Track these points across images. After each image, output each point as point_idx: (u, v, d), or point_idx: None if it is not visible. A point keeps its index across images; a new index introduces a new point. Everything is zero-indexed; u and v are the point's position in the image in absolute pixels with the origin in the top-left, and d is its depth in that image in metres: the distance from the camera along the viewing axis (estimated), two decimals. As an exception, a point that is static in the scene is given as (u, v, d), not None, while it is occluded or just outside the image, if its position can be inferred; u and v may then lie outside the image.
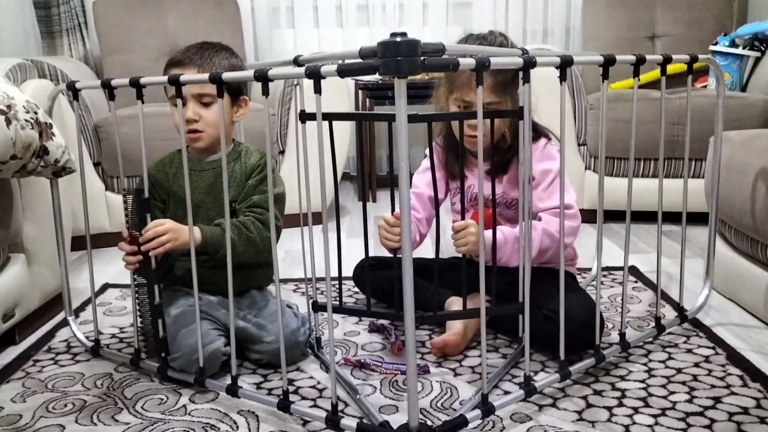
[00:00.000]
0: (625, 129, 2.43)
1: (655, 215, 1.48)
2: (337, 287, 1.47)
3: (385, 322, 1.67)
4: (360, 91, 3.17)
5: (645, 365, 1.42)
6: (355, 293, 1.91)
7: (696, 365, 1.41)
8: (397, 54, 0.98)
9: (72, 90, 1.43)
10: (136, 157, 1.52)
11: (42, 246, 1.73)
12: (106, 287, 2.03)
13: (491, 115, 1.37)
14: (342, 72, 1.04)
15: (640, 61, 1.35)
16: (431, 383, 1.37)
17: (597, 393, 1.31)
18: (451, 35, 3.43)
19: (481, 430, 1.19)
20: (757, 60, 2.69)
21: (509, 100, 1.50)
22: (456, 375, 1.40)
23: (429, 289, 1.59)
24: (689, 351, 1.48)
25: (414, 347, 1.05)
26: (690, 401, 1.27)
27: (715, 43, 2.75)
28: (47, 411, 1.29)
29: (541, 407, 1.26)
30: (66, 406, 1.31)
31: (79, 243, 2.28)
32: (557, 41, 3.43)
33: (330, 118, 1.20)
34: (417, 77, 3.06)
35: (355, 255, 1.74)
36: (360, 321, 1.71)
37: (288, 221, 1.70)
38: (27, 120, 1.46)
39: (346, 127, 2.72)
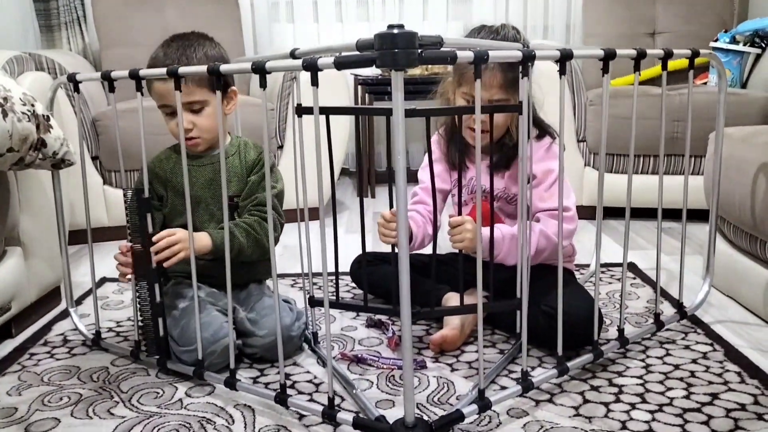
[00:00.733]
0: (625, 125, 2.42)
1: (653, 212, 1.47)
2: (334, 282, 1.47)
3: (383, 317, 1.67)
4: (359, 87, 3.16)
5: (643, 361, 1.41)
6: (353, 288, 1.90)
7: (694, 362, 1.41)
8: (394, 46, 0.97)
9: (72, 82, 1.43)
10: (134, 151, 1.51)
11: (39, 239, 1.72)
12: (103, 281, 2.02)
13: (490, 110, 1.37)
14: (339, 64, 1.03)
15: (640, 56, 1.34)
16: (428, 378, 1.36)
17: (594, 389, 1.30)
18: (451, 30, 3.42)
19: (478, 425, 1.18)
20: (758, 57, 2.68)
21: (518, 98, 1.49)
22: (453, 370, 1.40)
23: (426, 285, 1.58)
24: (687, 347, 1.48)
25: (410, 342, 1.04)
26: (687, 397, 1.26)
27: (716, 40, 2.74)
28: (43, 404, 1.29)
29: (538, 402, 1.26)
30: (62, 399, 1.31)
31: (76, 237, 2.28)
32: (557, 37, 3.42)
33: (328, 112, 1.20)
34: (417, 72, 3.07)
35: (354, 250, 1.74)
36: (357, 316, 1.70)
37: (286, 216, 1.69)
38: (24, 112, 1.46)
39: (344, 123, 2.71)
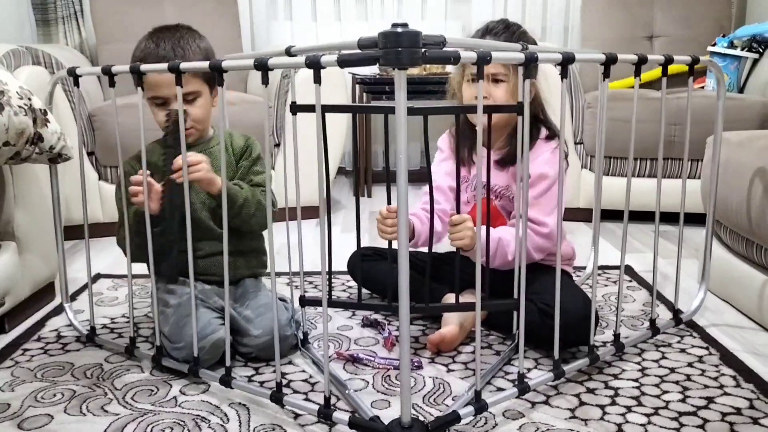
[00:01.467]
0: (623, 128, 2.42)
1: (651, 215, 1.47)
2: (328, 281, 1.46)
3: (379, 316, 1.66)
4: (357, 86, 3.15)
5: (638, 364, 1.41)
6: (350, 287, 1.90)
7: (689, 365, 1.41)
8: (398, 45, 0.97)
9: (73, 76, 1.42)
10: (131, 147, 1.50)
11: (33, 234, 1.71)
12: (98, 277, 2.01)
13: (490, 110, 1.37)
14: (342, 62, 1.03)
15: (641, 61, 1.34)
16: (424, 379, 1.36)
17: (590, 391, 1.30)
18: (450, 30, 3.42)
19: (474, 426, 1.18)
20: (755, 61, 2.69)
21: (516, 78, 1.49)
22: (449, 371, 1.39)
23: (424, 282, 1.59)
24: (683, 351, 1.48)
25: (408, 340, 1.04)
26: (683, 401, 1.26)
27: (714, 44, 2.74)
28: (36, 400, 1.28)
29: (534, 404, 1.25)
30: (55, 395, 1.30)
31: (70, 233, 2.26)
32: (555, 39, 3.42)
33: (326, 110, 1.19)
34: (415, 72, 3.07)
35: (350, 249, 1.73)
36: (353, 315, 1.70)
37: (280, 214, 1.68)
38: (20, 106, 1.45)
39: (341, 122, 2.70)
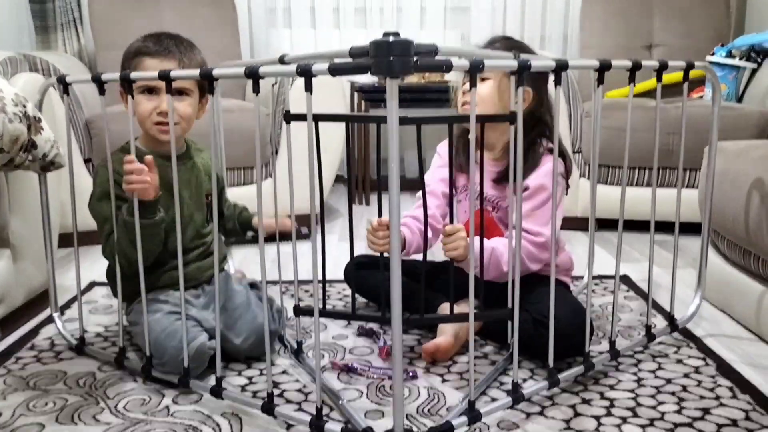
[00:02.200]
0: (620, 137, 2.42)
1: (648, 224, 1.46)
2: (322, 290, 1.46)
3: (374, 326, 1.65)
4: (356, 94, 3.15)
5: (634, 375, 1.40)
6: (346, 296, 1.89)
7: (686, 376, 1.40)
8: (390, 54, 0.96)
9: (62, 84, 1.41)
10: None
11: (28, 242, 1.71)
12: (93, 285, 2.00)
13: (482, 120, 1.37)
14: (334, 70, 1.03)
15: (635, 67, 1.34)
16: (418, 389, 1.35)
17: (585, 402, 1.29)
18: (449, 39, 3.43)
19: (468, 437, 1.17)
20: (754, 71, 2.69)
21: (505, 78, 1.49)
22: (444, 381, 1.38)
23: (419, 292, 1.58)
24: (679, 361, 1.47)
25: (401, 350, 1.03)
26: (679, 412, 1.25)
27: (712, 54, 2.74)
28: (27, 409, 1.27)
29: (529, 415, 1.24)
30: (47, 404, 1.29)
31: (68, 240, 2.25)
32: (554, 48, 3.43)
33: (319, 119, 1.19)
34: (413, 80, 3.07)
35: (347, 258, 1.72)
36: (349, 324, 1.69)
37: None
38: (15, 113, 1.44)
39: (339, 130, 2.69)
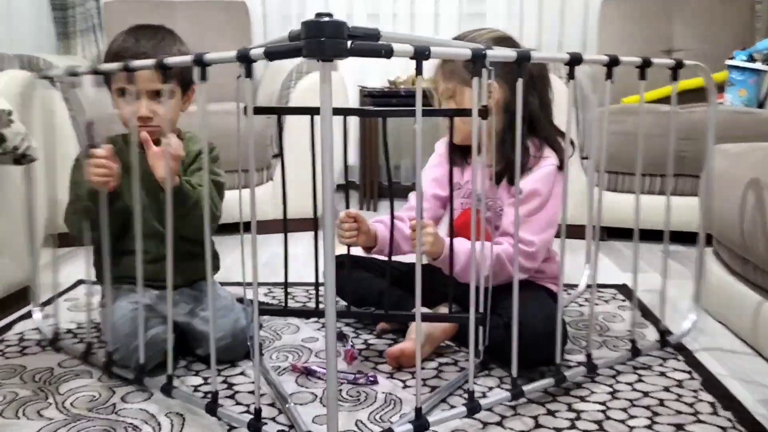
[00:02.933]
0: (632, 142, 2.31)
1: (654, 234, 1.38)
2: (284, 290, 1.42)
3: (348, 329, 1.60)
4: (365, 99, 3.12)
5: (610, 386, 1.31)
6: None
7: (666, 389, 1.30)
8: (321, 34, 0.93)
9: (48, 80, 1.42)
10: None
11: (9, 238, 1.71)
12: (78, 283, 2.00)
13: (452, 114, 1.31)
14: (269, 54, 1.00)
15: (646, 64, 1.30)
16: (376, 394, 1.29)
17: (550, 413, 1.21)
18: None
19: (415, 446, 1.10)
20: (776, 76, 2.56)
21: (467, 90, 1.42)
22: (405, 387, 1.32)
23: (400, 295, 1.53)
24: (662, 374, 1.37)
25: (334, 348, 0.97)
26: (650, 427, 1.16)
27: (732, 58, 2.62)
28: (-25, 402, 1.25)
29: (486, 425, 1.17)
30: (-3, 398, 1.27)
31: (63, 240, 2.26)
32: (573, 54, 3.34)
33: (258, 112, 1.15)
34: (407, 86, 3.05)
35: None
36: (321, 327, 1.64)
37: (276, 225, 1.59)
38: (-16, 106, 1.44)
39: (338, 131, 2.66)
